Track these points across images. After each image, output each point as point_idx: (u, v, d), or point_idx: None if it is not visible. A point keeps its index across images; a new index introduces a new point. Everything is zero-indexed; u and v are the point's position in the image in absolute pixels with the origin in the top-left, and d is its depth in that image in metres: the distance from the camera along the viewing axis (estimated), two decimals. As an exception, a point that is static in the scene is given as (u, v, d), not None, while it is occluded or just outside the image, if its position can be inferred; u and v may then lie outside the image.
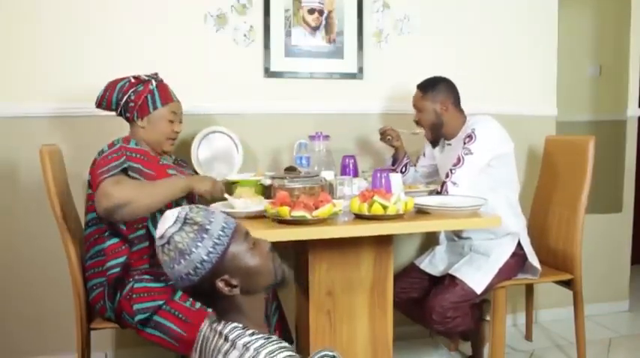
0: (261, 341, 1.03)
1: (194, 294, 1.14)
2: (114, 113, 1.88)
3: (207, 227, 1.07)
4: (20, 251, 2.20)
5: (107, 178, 1.62)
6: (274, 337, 1.07)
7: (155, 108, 1.83)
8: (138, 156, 1.75)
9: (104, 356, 2.31)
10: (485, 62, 2.63)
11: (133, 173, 1.70)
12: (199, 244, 1.06)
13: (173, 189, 1.68)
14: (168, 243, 1.07)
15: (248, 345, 1.02)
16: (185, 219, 1.08)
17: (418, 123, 2.20)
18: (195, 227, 1.07)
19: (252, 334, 1.06)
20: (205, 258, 1.06)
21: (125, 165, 1.68)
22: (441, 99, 2.13)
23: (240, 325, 1.08)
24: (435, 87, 2.15)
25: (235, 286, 1.09)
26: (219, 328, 1.09)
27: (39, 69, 2.16)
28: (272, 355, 1.00)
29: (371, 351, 1.85)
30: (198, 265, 1.06)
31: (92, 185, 1.69)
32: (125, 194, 1.59)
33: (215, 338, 1.09)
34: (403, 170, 2.32)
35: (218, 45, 2.33)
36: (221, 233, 1.08)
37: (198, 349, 1.14)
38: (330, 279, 1.79)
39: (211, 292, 1.09)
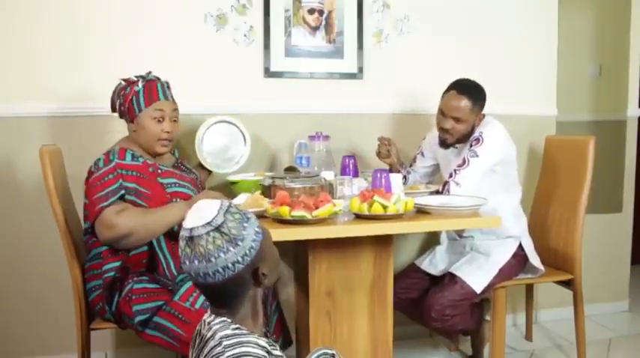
0: (239, 339, 1.02)
1: (217, 292, 1.10)
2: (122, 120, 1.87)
3: (239, 242, 1.06)
4: (20, 251, 2.20)
5: (107, 208, 1.62)
6: (253, 338, 1.04)
7: (140, 109, 1.77)
8: (134, 173, 1.72)
9: (104, 356, 2.31)
10: (485, 62, 2.63)
11: (129, 196, 1.68)
12: (244, 232, 1.07)
13: (173, 218, 1.67)
14: (216, 229, 1.05)
15: (222, 340, 1.02)
16: (219, 226, 1.05)
17: (448, 132, 2.03)
18: (226, 238, 1.05)
19: (237, 329, 1.05)
20: (252, 244, 1.07)
21: (122, 192, 1.67)
22: (480, 110, 2.03)
23: (229, 320, 1.07)
24: (481, 95, 2.02)
25: (265, 275, 1.11)
26: (209, 320, 1.09)
27: (39, 69, 2.16)
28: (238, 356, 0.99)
29: (371, 351, 1.85)
30: (247, 251, 1.06)
31: (87, 198, 1.69)
32: (128, 226, 1.61)
33: (204, 329, 1.09)
34: (404, 181, 2.24)
35: (218, 45, 2.33)
36: (256, 222, 1.11)
37: (192, 345, 1.14)
38: (330, 279, 1.79)
39: (240, 286, 1.09)
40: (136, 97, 1.77)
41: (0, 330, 2.21)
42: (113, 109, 1.85)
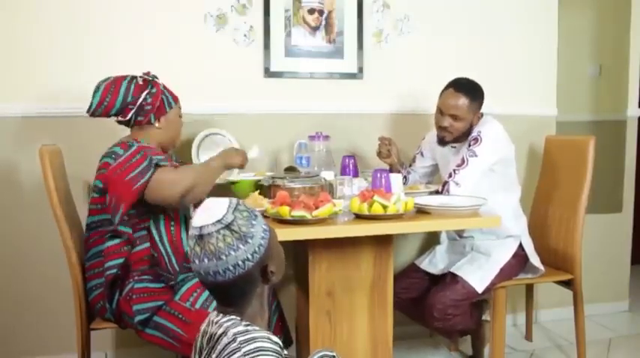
0: (252, 335, 1.02)
1: (226, 290, 1.10)
2: (109, 118, 1.81)
3: (249, 240, 1.06)
4: (20, 251, 2.20)
5: (159, 171, 1.64)
6: (265, 333, 1.04)
7: (171, 107, 1.84)
8: (156, 150, 1.74)
9: (104, 356, 2.31)
10: (485, 62, 2.63)
11: (163, 163, 1.69)
12: (253, 229, 1.07)
13: (218, 170, 1.75)
14: (227, 227, 1.05)
15: (237, 336, 1.01)
16: (229, 224, 1.05)
17: (446, 130, 2.04)
18: (236, 235, 1.05)
19: (247, 325, 1.05)
20: (261, 241, 1.08)
21: (155, 161, 1.67)
22: (478, 109, 2.04)
23: (238, 318, 1.08)
24: (479, 94, 2.03)
25: (273, 273, 1.12)
26: (217, 319, 1.09)
27: (39, 69, 2.16)
28: (251, 354, 0.98)
29: (371, 351, 1.85)
30: (257, 248, 1.07)
31: (113, 185, 1.64)
32: (189, 178, 1.65)
33: (212, 328, 1.09)
34: (404, 181, 2.25)
35: (218, 45, 2.33)
36: (263, 219, 1.11)
37: (197, 346, 1.14)
38: (330, 279, 1.79)
39: (249, 284, 1.09)
40: (164, 96, 1.82)
41: (0, 330, 2.21)
42: (103, 111, 1.75)
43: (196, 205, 1.55)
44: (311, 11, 2.41)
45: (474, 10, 2.62)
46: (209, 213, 1.06)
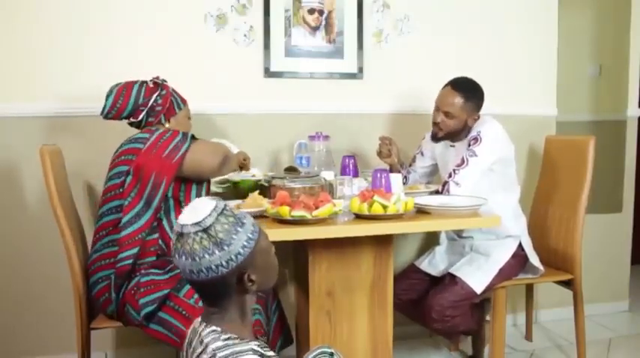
0: (231, 350, 1.02)
1: (204, 289, 1.11)
2: (120, 121, 1.86)
3: (225, 247, 1.06)
4: (20, 251, 2.20)
5: (194, 143, 1.74)
6: (245, 346, 1.04)
7: (180, 108, 1.92)
8: None
9: (104, 356, 2.31)
10: (485, 62, 2.63)
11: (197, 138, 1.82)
12: (234, 236, 1.06)
13: (235, 159, 1.96)
14: (205, 230, 1.05)
15: (216, 352, 1.02)
16: (207, 228, 1.06)
17: (438, 125, 2.07)
18: (213, 240, 1.05)
19: (228, 339, 1.05)
20: (241, 250, 1.07)
21: (189, 134, 1.77)
22: (474, 109, 2.05)
23: (219, 328, 1.07)
24: (476, 95, 2.04)
25: (254, 282, 1.10)
26: (200, 329, 1.10)
27: (39, 69, 2.16)
28: None
29: (371, 351, 1.85)
30: (233, 257, 1.06)
31: (148, 169, 1.68)
32: (223, 150, 1.82)
33: (195, 340, 1.10)
34: (404, 181, 2.25)
35: (218, 45, 2.33)
36: (252, 228, 1.11)
37: (183, 352, 1.15)
38: (330, 279, 1.79)
39: (226, 288, 1.09)
40: (174, 97, 1.90)
41: (0, 330, 2.21)
42: (116, 114, 1.82)
43: None
44: (311, 11, 2.41)
45: (474, 10, 2.62)
46: (194, 212, 1.07)
